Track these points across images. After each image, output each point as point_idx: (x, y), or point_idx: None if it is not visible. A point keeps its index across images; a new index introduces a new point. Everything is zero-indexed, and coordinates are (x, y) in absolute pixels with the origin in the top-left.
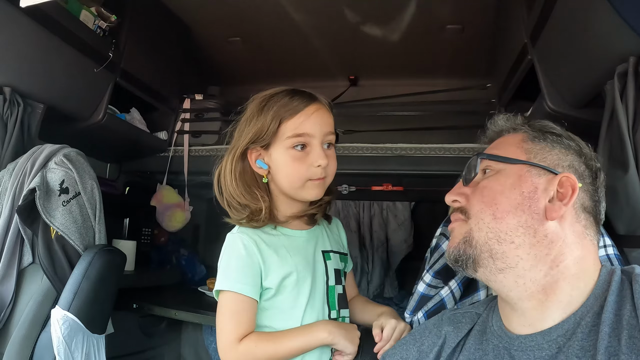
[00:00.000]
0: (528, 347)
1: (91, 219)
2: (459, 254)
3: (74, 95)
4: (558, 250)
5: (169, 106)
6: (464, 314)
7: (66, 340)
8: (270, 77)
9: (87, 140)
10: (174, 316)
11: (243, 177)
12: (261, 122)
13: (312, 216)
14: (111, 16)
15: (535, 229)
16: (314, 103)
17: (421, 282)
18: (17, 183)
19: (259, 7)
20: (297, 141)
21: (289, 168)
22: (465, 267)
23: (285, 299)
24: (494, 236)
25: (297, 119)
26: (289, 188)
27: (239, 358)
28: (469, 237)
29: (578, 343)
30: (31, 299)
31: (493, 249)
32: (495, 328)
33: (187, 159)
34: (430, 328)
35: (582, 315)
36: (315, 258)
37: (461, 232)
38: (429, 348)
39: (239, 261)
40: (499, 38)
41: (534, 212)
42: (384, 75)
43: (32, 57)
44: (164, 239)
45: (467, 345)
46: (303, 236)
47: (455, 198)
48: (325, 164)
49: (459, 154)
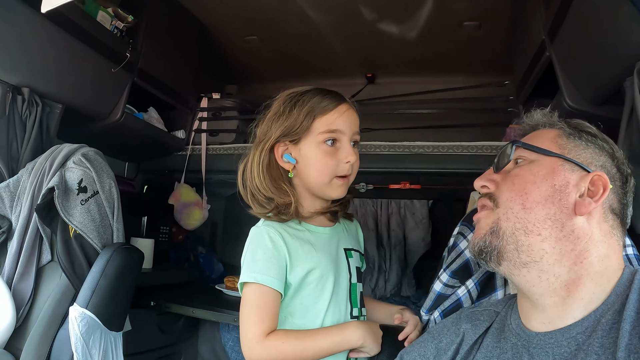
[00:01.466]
0: (547, 345)
1: (109, 218)
2: (484, 245)
3: (92, 95)
4: (583, 247)
5: (187, 105)
6: (482, 312)
7: (84, 337)
8: (287, 75)
9: (105, 140)
10: (191, 314)
11: (269, 171)
12: (293, 118)
13: (334, 213)
14: (128, 16)
15: (563, 222)
16: (345, 103)
17: (438, 281)
18: (36, 182)
19: (276, 5)
20: (329, 136)
21: (320, 162)
22: (489, 259)
23: (309, 295)
24: (522, 227)
25: (330, 116)
26: (316, 183)
27: (266, 354)
28: (496, 228)
29: (598, 340)
30: (50, 297)
31: (519, 240)
32: (514, 326)
33: (205, 158)
34: (448, 326)
35: (603, 312)
36: (339, 255)
37: (488, 222)
38: (447, 346)
39: (265, 253)
40: (516, 35)
41: (563, 205)
42: (401, 72)
43: (49, 58)
44: (182, 237)
45: (485, 343)
46: (327, 233)
47: (485, 183)
48: (354, 160)
49: (476, 151)
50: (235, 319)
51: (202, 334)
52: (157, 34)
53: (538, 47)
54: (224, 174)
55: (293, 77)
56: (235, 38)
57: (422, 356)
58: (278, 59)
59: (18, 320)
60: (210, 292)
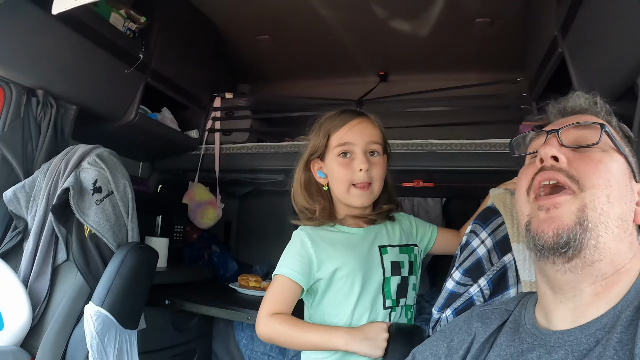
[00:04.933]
0: (566, 342)
1: (124, 217)
2: (573, 238)
3: (106, 97)
4: (635, 252)
5: (200, 105)
6: (493, 310)
7: (99, 335)
8: (300, 74)
9: (119, 140)
10: (205, 312)
11: (308, 186)
12: (316, 139)
13: (373, 220)
14: (140, 18)
15: (628, 224)
16: (358, 117)
17: (450, 279)
18: (52, 183)
19: (288, 4)
20: (341, 149)
21: (338, 173)
22: (564, 254)
23: (339, 290)
24: (605, 220)
25: (342, 131)
26: (339, 193)
27: (264, 329)
28: (584, 218)
29: (617, 336)
30: (65, 295)
31: (600, 236)
32: (529, 326)
33: (219, 157)
34: (460, 325)
35: (622, 308)
36: (371, 253)
37: (572, 210)
38: (458, 345)
39: (293, 252)
40: (528, 31)
41: (631, 209)
42: (414, 70)
43: (63, 60)
44: (196, 235)
45: (499, 342)
46: (360, 233)
47: (559, 154)
48: (366, 167)
49: (489, 149)
50: (249, 317)
51: (216, 332)
52: (169, 35)
53: (550, 43)
54: (237, 173)
55: (305, 75)
56: (247, 37)
57: (434, 355)
58: (290, 58)
59: (34, 319)
60: (224, 290)
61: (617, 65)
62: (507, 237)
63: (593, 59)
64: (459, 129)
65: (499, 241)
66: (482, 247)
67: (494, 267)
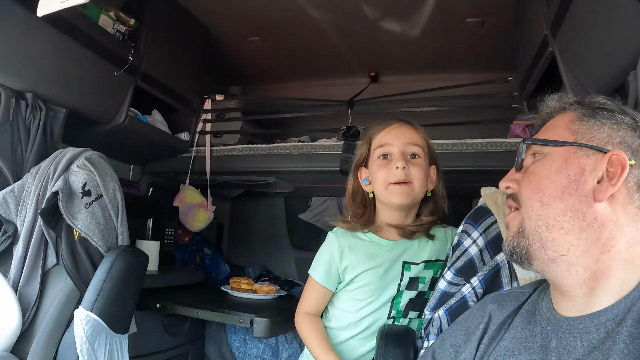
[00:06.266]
0: (575, 330)
1: (114, 221)
2: (514, 247)
3: (95, 99)
4: (609, 234)
5: (190, 107)
6: (508, 294)
7: (89, 340)
8: (291, 75)
9: (110, 143)
10: (196, 315)
11: (356, 194)
12: (361, 147)
13: (411, 232)
14: (130, 20)
15: (584, 212)
16: (395, 123)
17: (442, 279)
18: (41, 186)
19: (278, 5)
20: (380, 152)
21: (378, 174)
22: (520, 260)
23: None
24: (543, 223)
25: (380, 135)
26: (379, 193)
27: (297, 324)
28: (521, 228)
29: (627, 329)
30: (55, 300)
31: (543, 237)
32: (545, 310)
33: (209, 159)
34: (474, 312)
35: (634, 300)
36: (393, 267)
37: (515, 224)
38: (474, 327)
39: (322, 257)
40: (519, 30)
41: (581, 194)
42: (405, 70)
43: (52, 63)
44: (188, 238)
45: (515, 324)
46: (388, 245)
47: (509, 184)
48: (402, 165)
49: (481, 149)
50: (241, 320)
51: (209, 335)
52: (159, 37)
53: (541, 42)
54: (228, 175)
55: (296, 77)
56: (237, 39)
57: (454, 345)
58: (281, 59)
59: (24, 323)
60: (216, 293)
61: (608, 63)
62: (499, 236)
63: (583, 58)
64: (450, 129)
65: (490, 240)
66: (474, 246)
67: (486, 266)
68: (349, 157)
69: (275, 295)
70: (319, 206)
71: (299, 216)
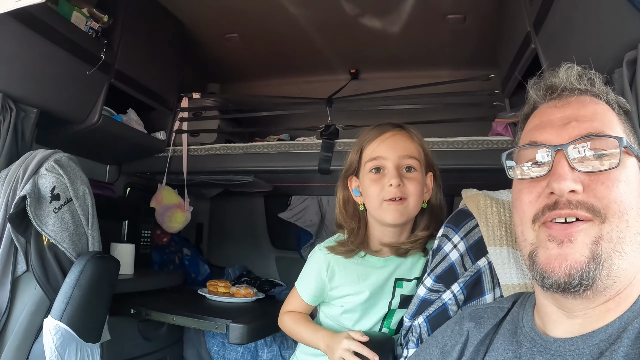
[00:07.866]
0: (567, 352)
1: (84, 225)
2: (586, 276)
3: (68, 98)
4: None
5: (167, 106)
6: (485, 309)
7: (59, 350)
8: (270, 72)
9: (84, 143)
10: (172, 321)
11: (347, 205)
12: (351, 154)
13: (405, 250)
14: (104, 17)
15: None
16: (392, 130)
17: (422, 286)
18: (10, 190)
19: (256, 2)
20: (373, 165)
21: (370, 189)
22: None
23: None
24: (620, 248)
25: (373, 144)
26: (372, 209)
27: (280, 323)
28: (599, 252)
29: (623, 350)
30: (25, 308)
31: (613, 264)
32: (527, 330)
33: (186, 159)
34: (451, 327)
35: (629, 320)
36: (386, 283)
37: (586, 242)
38: (451, 347)
39: (310, 274)
40: (501, 27)
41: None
42: (386, 67)
43: (23, 61)
44: (167, 239)
45: (495, 345)
46: (380, 263)
47: (576, 188)
48: (396, 183)
49: (462, 147)
50: (217, 325)
51: (187, 339)
52: (134, 34)
53: (523, 39)
54: (206, 174)
55: (276, 74)
56: (215, 36)
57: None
58: (260, 57)
59: None
60: (192, 297)
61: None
62: (481, 241)
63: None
64: (431, 126)
65: (472, 245)
66: (455, 251)
67: (467, 272)
68: (327, 156)
69: (253, 299)
70: (299, 205)
71: (279, 215)
